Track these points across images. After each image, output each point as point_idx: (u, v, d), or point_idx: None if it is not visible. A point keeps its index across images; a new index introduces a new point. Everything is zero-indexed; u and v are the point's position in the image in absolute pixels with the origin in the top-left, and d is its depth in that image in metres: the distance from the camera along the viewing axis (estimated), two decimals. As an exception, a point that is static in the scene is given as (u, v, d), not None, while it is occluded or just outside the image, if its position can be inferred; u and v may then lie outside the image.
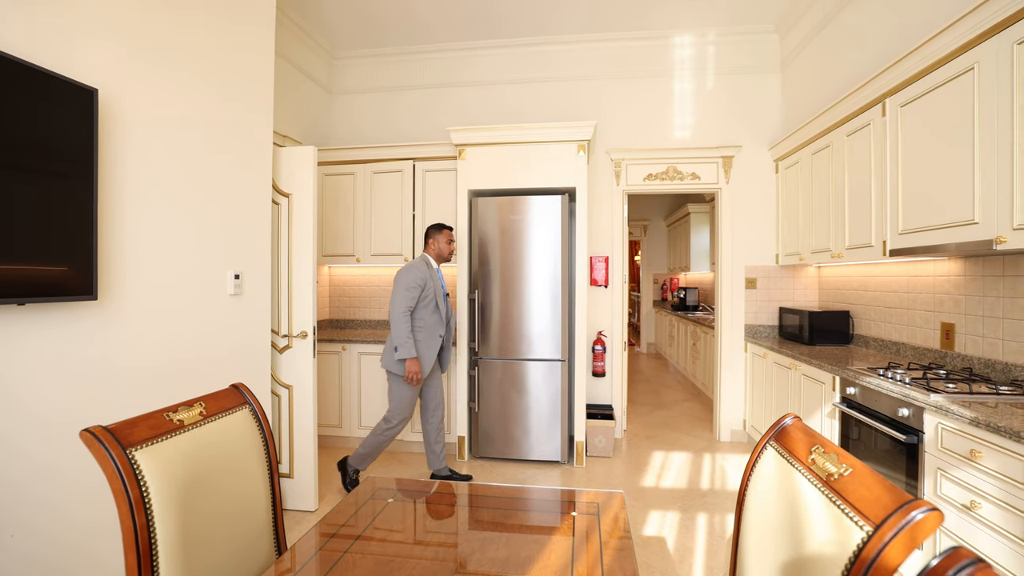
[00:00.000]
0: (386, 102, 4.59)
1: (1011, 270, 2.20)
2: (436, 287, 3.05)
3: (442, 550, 1.16)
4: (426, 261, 3.09)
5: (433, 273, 3.07)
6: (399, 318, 2.86)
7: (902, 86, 2.46)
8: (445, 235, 3.17)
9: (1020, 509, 1.53)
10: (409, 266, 2.99)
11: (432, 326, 3.04)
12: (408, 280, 2.91)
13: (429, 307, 3.02)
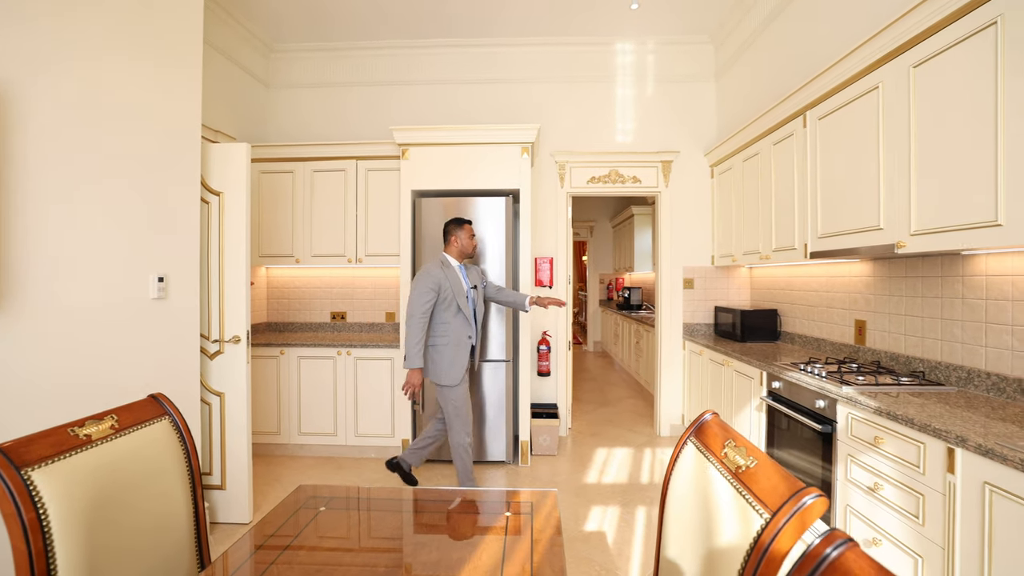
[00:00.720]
0: (329, 98, 4.45)
1: (911, 272, 2.41)
2: (456, 288, 2.86)
3: (373, 556, 1.14)
4: (441, 262, 2.90)
5: (451, 272, 2.88)
6: (411, 325, 2.73)
7: (820, 100, 2.65)
8: (466, 230, 2.98)
9: (914, 489, 1.68)
10: (422, 271, 2.84)
11: (458, 328, 2.87)
12: (420, 287, 2.77)
13: (451, 309, 2.84)
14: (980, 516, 1.43)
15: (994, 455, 1.37)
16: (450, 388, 2.84)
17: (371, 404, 3.71)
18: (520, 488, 1.39)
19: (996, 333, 1.96)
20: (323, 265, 4.06)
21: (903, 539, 1.73)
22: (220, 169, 2.57)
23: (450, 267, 2.91)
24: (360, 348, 3.70)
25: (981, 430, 1.52)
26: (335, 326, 4.35)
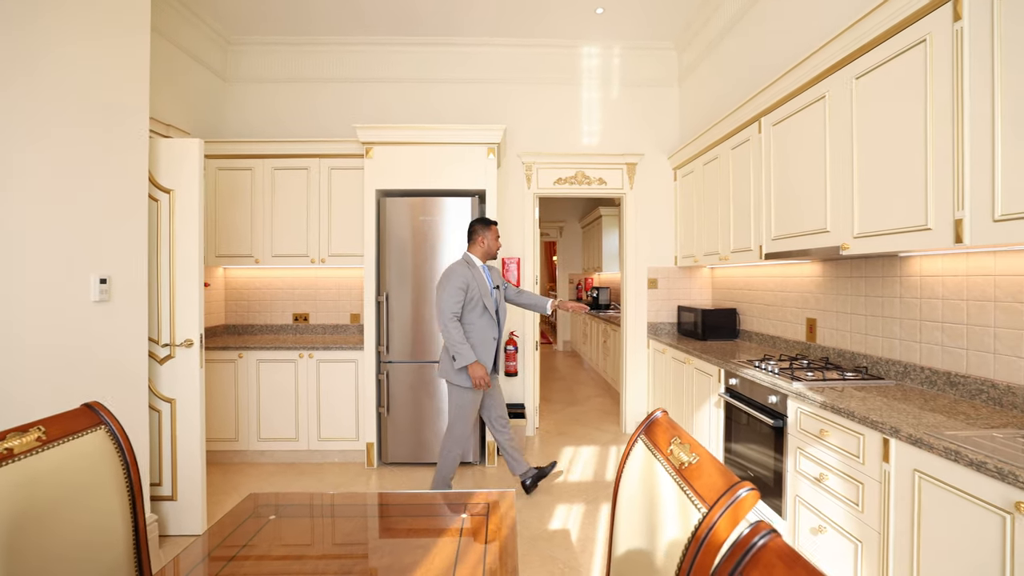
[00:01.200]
0: (291, 94, 4.34)
1: (856, 272, 2.53)
2: (482, 287, 2.87)
3: (323, 563, 1.12)
4: (467, 262, 2.90)
5: (477, 272, 2.88)
6: (447, 325, 2.73)
7: (773, 107, 2.75)
8: (493, 231, 2.98)
9: (854, 478, 1.77)
10: (449, 271, 2.83)
11: (483, 329, 2.87)
12: (450, 287, 2.76)
13: (476, 309, 2.85)
14: (911, 501, 1.52)
15: (922, 444, 1.45)
16: (465, 390, 2.84)
17: (335, 408, 3.64)
18: (477, 489, 1.39)
19: (929, 330, 2.08)
20: (285, 266, 3.96)
21: (845, 525, 1.82)
22: (171, 165, 2.47)
23: (475, 266, 2.91)
24: (323, 350, 3.62)
25: (913, 421, 1.61)
26: (297, 328, 4.25)
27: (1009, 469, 1.21)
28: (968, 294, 1.91)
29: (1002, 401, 1.77)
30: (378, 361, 3.58)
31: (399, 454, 3.54)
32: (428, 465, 3.57)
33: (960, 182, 1.61)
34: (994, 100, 1.51)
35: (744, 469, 2.62)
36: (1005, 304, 1.77)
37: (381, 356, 3.56)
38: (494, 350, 2.92)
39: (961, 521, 1.36)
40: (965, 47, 1.60)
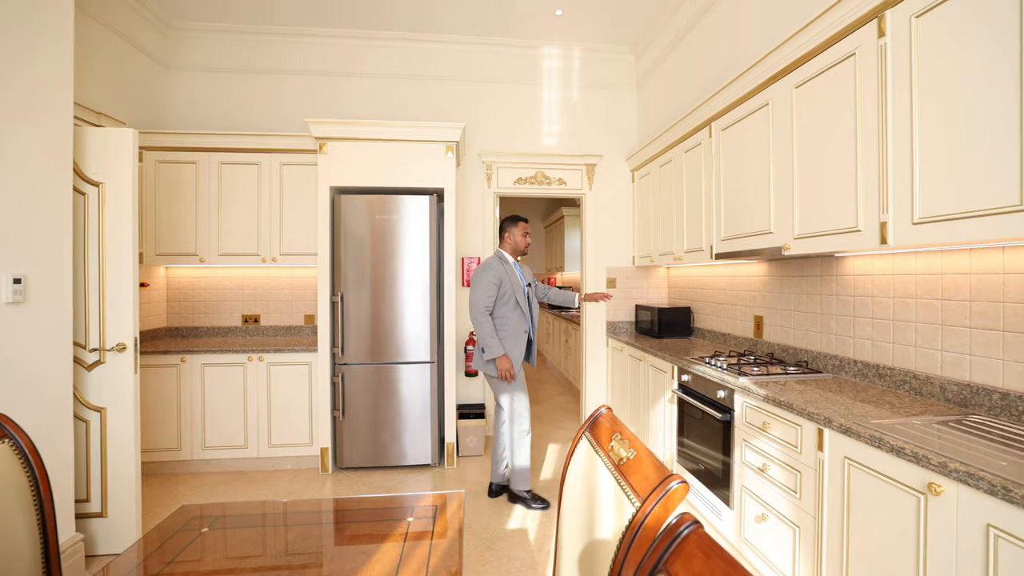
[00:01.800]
0: (240, 85, 4.16)
1: (797, 272, 2.65)
2: (514, 283, 2.95)
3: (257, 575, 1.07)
4: (500, 257, 3.00)
5: (509, 268, 2.97)
6: (478, 319, 2.83)
7: (722, 113, 2.84)
8: (521, 227, 3.05)
9: (793, 467, 1.85)
10: (483, 266, 2.93)
11: (516, 323, 2.94)
12: (483, 281, 2.86)
13: (509, 304, 2.92)
14: (841, 486, 1.60)
15: (851, 432, 1.54)
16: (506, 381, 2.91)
17: (287, 412, 3.52)
18: (425, 492, 1.37)
19: (861, 325, 2.21)
20: (233, 265, 3.80)
21: (785, 512, 1.90)
22: (101, 157, 2.31)
23: (508, 262, 3.00)
24: (275, 353, 3.50)
25: (844, 411, 1.70)
26: (247, 330, 4.09)
27: (923, 453, 1.30)
28: (894, 292, 2.03)
29: (922, 391, 1.89)
30: (333, 363, 3.49)
31: (356, 458, 3.46)
32: (386, 469, 3.51)
33: (885, 188, 1.71)
34: (912, 112, 1.61)
35: (696, 462, 2.70)
36: (924, 301, 1.89)
37: (336, 358, 3.47)
38: (526, 342, 3.00)
39: (884, 503, 1.44)
40: (888, 62, 1.70)
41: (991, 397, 1.64)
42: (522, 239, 3.06)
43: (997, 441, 1.39)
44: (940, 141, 1.52)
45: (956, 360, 1.78)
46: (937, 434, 1.45)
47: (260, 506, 1.42)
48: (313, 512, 1.38)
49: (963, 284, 1.75)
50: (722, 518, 2.40)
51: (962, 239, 1.46)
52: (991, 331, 1.66)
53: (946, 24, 1.50)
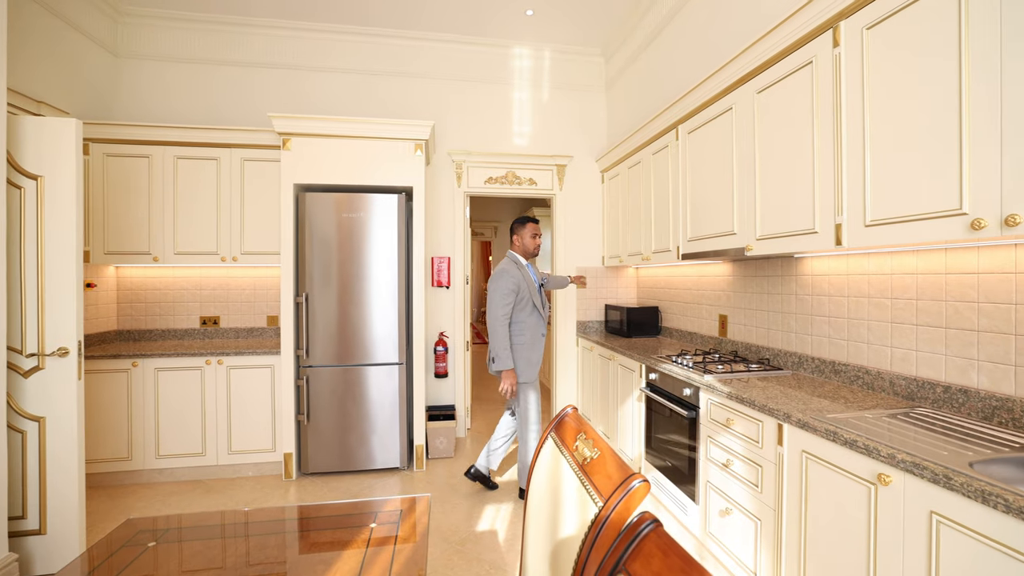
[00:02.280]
0: (198, 76, 3.99)
1: (760, 272, 2.73)
2: (531, 286, 2.94)
3: (211, 590, 1.02)
4: (514, 262, 2.98)
5: (525, 272, 2.96)
6: (496, 328, 2.81)
7: (688, 116, 2.90)
8: (529, 229, 3.03)
9: (755, 461, 1.90)
10: (499, 272, 2.89)
11: (534, 326, 2.95)
12: (501, 288, 2.84)
13: (527, 308, 2.93)
14: (799, 479, 1.65)
15: (808, 427, 1.59)
16: (528, 384, 2.93)
17: (249, 417, 3.40)
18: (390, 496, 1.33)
19: (818, 324, 2.29)
20: (190, 264, 3.64)
21: (747, 506, 1.95)
22: (39, 148, 2.16)
23: (522, 265, 2.99)
24: (235, 356, 3.37)
25: (802, 406, 1.76)
26: (206, 332, 3.93)
27: (874, 445, 1.35)
28: (848, 291, 2.11)
29: (874, 385, 1.97)
30: (297, 366, 3.39)
31: (321, 463, 3.38)
32: (353, 473, 3.43)
33: (839, 191, 1.78)
34: (864, 120, 1.68)
35: (664, 459, 2.75)
36: (876, 300, 1.97)
37: (300, 360, 3.37)
38: (543, 344, 3.01)
39: (838, 493, 1.49)
40: (842, 71, 1.76)
41: (935, 390, 1.73)
42: (531, 241, 3.04)
43: (940, 432, 1.46)
44: (889, 148, 1.59)
45: (904, 356, 1.86)
46: (887, 427, 1.51)
47: (212, 517, 1.36)
48: (271, 521, 1.33)
49: (910, 284, 1.83)
50: (688, 513, 2.44)
51: (909, 241, 1.52)
52: (935, 328, 1.74)
53: (894, 37, 1.57)
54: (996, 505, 1.06)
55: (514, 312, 2.89)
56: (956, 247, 1.67)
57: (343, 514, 1.38)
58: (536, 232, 3.07)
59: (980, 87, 1.32)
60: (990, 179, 1.30)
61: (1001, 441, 1.37)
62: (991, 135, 1.30)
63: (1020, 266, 1.49)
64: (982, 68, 1.32)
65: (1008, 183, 1.26)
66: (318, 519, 1.37)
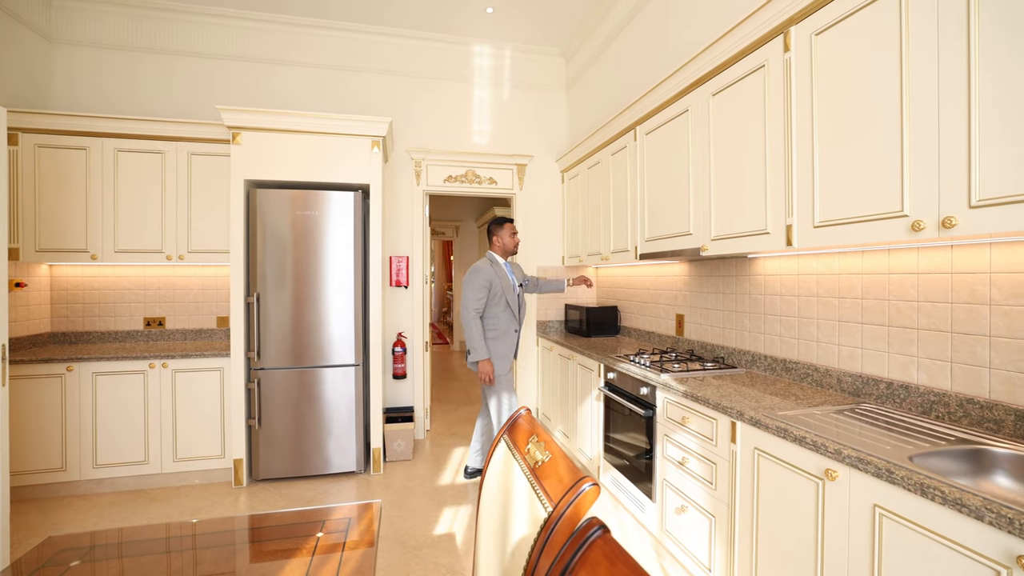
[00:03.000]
0: (143, 66, 3.76)
1: (715, 272, 2.79)
2: (504, 284, 3.07)
3: (135, 613, 0.94)
4: (490, 260, 3.12)
5: (500, 270, 3.09)
6: (467, 322, 2.94)
7: (646, 117, 2.93)
8: (508, 228, 3.18)
9: (709, 459, 1.93)
10: (473, 269, 3.04)
11: (506, 323, 3.07)
12: (473, 283, 2.98)
13: (500, 305, 3.05)
14: (752, 475, 1.69)
15: (760, 424, 1.62)
16: (499, 377, 3.04)
17: (196, 422, 3.23)
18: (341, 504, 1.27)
19: (770, 322, 2.35)
20: (133, 263, 3.43)
21: (702, 503, 1.98)
22: (-46, 137, 1.99)
23: (498, 264, 3.12)
24: (181, 359, 3.20)
25: (755, 404, 1.80)
26: (150, 334, 3.71)
27: (821, 441, 1.39)
28: (798, 290, 2.18)
29: (822, 382, 2.04)
30: (248, 368, 3.24)
31: (274, 469, 3.24)
32: (308, 479, 3.31)
33: (790, 193, 1.83)
34: (813, 123, 1.73)
35: (622, 458, 2.77)
36: (824, 299, 2.04)
37: (252, 363, 3.23)
38: (516, 340, 3.13)
39: (789, 489, 1.53)
40: (793, 75, 1.81)
41: (879, 386, 1.80)
42: (510, 239, 3.18)
43: (883, 427, 1.51)
44: (837, 152, 1.64)
45: (851, 353, 1.93)
46: (834, 423, 1.56)
47: (146, 531, 1.26)
48: (208, 533, 1.25)
49: (856, 283, 1.90)
50: (645, 511, 2.47)
51: (854, 241, 1.58)
52: (879, 326, 1.81)
53: (841, 44, 1.62)
54: (933, 497, 1.10)
55: (487, 307, 3.02)
56: (898, 248, 1.74)
57: (289, 523, 1.31)
58: (514, 230, 3.23)
59: (919, 96, 1.38)
60: (929, 183, 1.36)
61: (938, 435, 1.43)
62: (929, 141, 1.36)
63: (956, 267, 1.56)
64: (921, 79, 1.38)
65: (945, 187, 1.31)
66: (263, 529, 1.30)
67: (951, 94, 1.30)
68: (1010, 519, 0.96)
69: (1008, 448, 1.31)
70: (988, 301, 1.48)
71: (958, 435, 1.42)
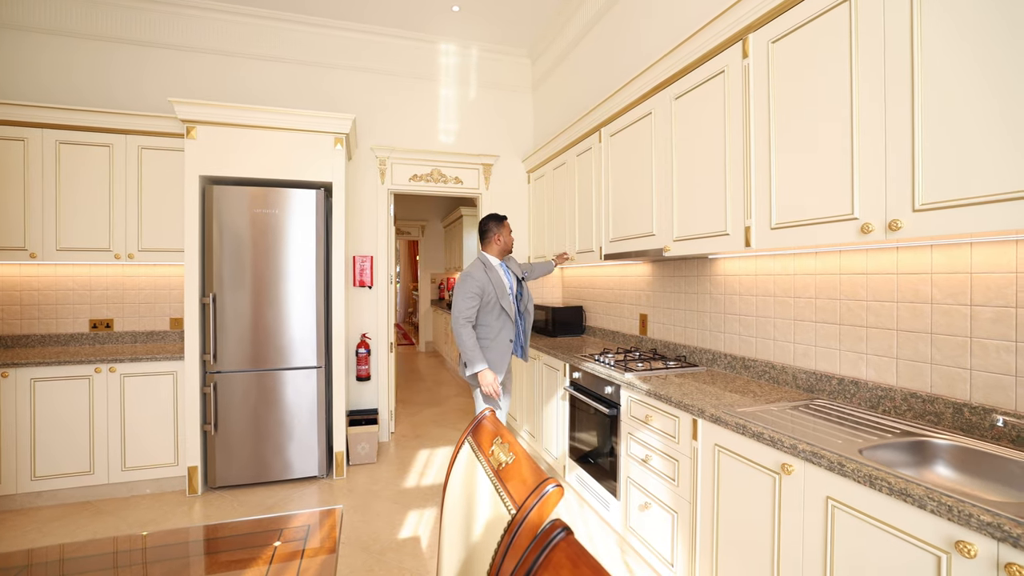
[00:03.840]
0: (89, 53, 3.55)
1: (677, 272, 2.85)
2: (499, 288, 2.78)
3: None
4: (483, 263, 2.81)
5: (494, 273, 2.81)
6: (459, 331, 2.67)
7: (610, 120, 2.97)
8: (507, 227, 2.95)
9: (672, 456, 1.97)
10: (463, 275, 2.76)
11: (500, 331, 2.79)
12: (463, 291, 2.71)
13: (493, 312, 2.77)
14: (713, 471, 1.73)
15: (720, 421, 1.66)
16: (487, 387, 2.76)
17: (147, 429, 3.07)
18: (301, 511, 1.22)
19: (730, 321, 2.42)
20: (78, 262, 3.23)
21: (665, 499, 2.01)
22: None
23: (492, 268, 2.84)
24: (131, 362, 3.03)
25: (715, 402, 1.84)
26: (96, 337, 3.51)
27: (778, 437, 1.43)
28: (757, 290, 2.25)
29: (779, 379, 2.11)
30: (204, 371, 3.10)
31: (231, 476, 3.11)
32: (267, 485, 3.20)
33: (749, 195, 1.88)
34: (770, 128, 1.79)
35: (587, 457, 2.79)
36: (781, 299, 2.12)
37: (208, 366, 3.09)
38: (510, 351, 2.84)
39: (747, 484, 1.57)
40: (751, 81, 1.87)
41: (831, 383, 1.88)
42: (509, 238, 2.95)
43: (835, 421, 1.58)
44: (793, 155, 1.70)
45: (805, 351, 2.01)
46: (790, 419, 1.61)
47: (91, 546, 1.18)
48: (163, 546, 1.18)
49: (810, 283, 1.98)
50: (610, 509, 2.50)
51: (809, 243, 1.64)
52: (831, 325, 1.89)
53: (796, 52, 1.68)
54: (881, 488, 1.15)
55: (480, 315, 2.78)
56: (849, 250, 1.82)
57: (246, 532, 1.25)
58: (511, 229, 3.12)
59: (868, 105, 1.45)
60: (877, 187, 1.42)
61: (885, 428, 1.50)
62: (877, 147, 1.42)
63: (901, 268, 1.65)
64: (869, 89, 1.44)
65: (891, 191, 1.38)
66: (218, 540, 1.24)
67: (897, 103, 1.36)
68: (949, 507, 1.01)
69: (947, 439, 1.39)
70: (930, 300, 1.56)
71: (903, 428, 1.49)
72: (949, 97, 1.25)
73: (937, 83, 1.27)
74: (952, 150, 1.24)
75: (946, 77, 1.25)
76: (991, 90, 1.17)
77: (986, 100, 1.18)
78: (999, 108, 1.15)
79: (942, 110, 1.26)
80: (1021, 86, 1.11)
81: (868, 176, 1.44)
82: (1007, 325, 1.38)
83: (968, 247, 1.47)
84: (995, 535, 0.94)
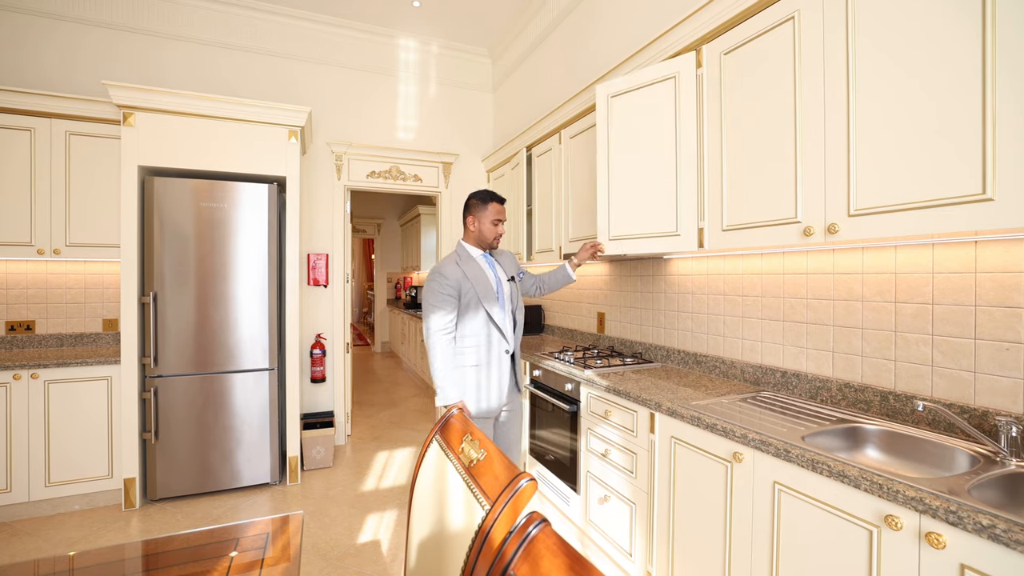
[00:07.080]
0: (17, 28, 3.25)
1: (634, 272, 2.94)
2: (480, 285, 2.10)
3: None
4: (458, 255, 2.16)
5: (472, 266, 2.12)
6: (431, 348, 2.02)
7: (569, 123, 3.02)
8: (491, 209, 2.15)
9: (630, 449, 2.03)
10: (430, 273, 2.11)
11: (486, 340, 2.10)
12: (433, 294, 2.04)
13: (476, 319, 2.09)
14: (669, 462, 1.80)
15: (676, 414, 1.74)
16: (481, 421, 2.15)
17: (76, 439, 2.84)
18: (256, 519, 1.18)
19: (683, 319, 2.53)
20: (-8, 257, 2.96)
21: (624, 492, 2.08)
22: None
23: (470, 259, 2.16)
24: (56, 368, 2.80)
25: (671, 396, 1.92)
26: (15, 340, 3.22)
27: (730, 427, 1.51)
28: (708, 289, 2.36)
29: (728, 373, 2.23)
30: (143, 376, 2.92)
31: (174, 487, 2.94)
32: (214, 495, 3.04)
33: (702, 198, 1.97)
34: (722, 134, 1.88)
35: (548, 453, 2.83)
36: (730, 297, 2.23)
37: (147, 370, 2.91)
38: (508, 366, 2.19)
39: (702, 473, 1.65)
40: (705, 89, 1.96)
41: (775, 376, 2.00)
42: (491, 228, 2.18)
43: (779, 412, 1.68)
44: (742, 161, 1.80)
45: (752, 346, 2.12)
46: (739, 410, 1.71)
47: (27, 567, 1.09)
48: (95, 566, 1.10)
49: (757, 283, 2.10)
50: (570, 504, 2.55)
51: (757, 244, 1.74)
52: (775, 321, 2.01)
53: (746, 64, 1.78)
54: (822, 471, 1.24)
55: (458, 323, 2.10)
56: (792, 251, 1.95)
57: (197, 544, 1.19)
58: (499, 217, 2.19)
59: (809, 115, 1.55)
60: (817, 193, 1.53)
61: (824, 416, 1.62)
62: (817, 155, 1.53)
63: (837, 268, 1.78)
64: (811, 99, 1.55)
65: (830, 196, 1.49)
66: (163, 554, 1.17)
67: (835, 115, 1.47)
68: (880, 484, 1.11)
69: (876, 425, 1.52)
70: (860, 298, 1.70)
71: (838, 415, 1.61)
72: (875, 115, 1.36)
73: (865, 102, 1.38)
74: (881, 161, 1.35)
75: (881, 94, 1.37)
76: (906, 113, 1.29)
77: (902, 120, 1.30)
78: (912, 127, 1.27)
79: (870, 125, 1.37)
80: (930, 111, 1.23)
81: (810, 183, 1.55)
82: (925, 320, 1.52)
83: (893, 250, 1.60)
84: (917, 508, 1.04)
